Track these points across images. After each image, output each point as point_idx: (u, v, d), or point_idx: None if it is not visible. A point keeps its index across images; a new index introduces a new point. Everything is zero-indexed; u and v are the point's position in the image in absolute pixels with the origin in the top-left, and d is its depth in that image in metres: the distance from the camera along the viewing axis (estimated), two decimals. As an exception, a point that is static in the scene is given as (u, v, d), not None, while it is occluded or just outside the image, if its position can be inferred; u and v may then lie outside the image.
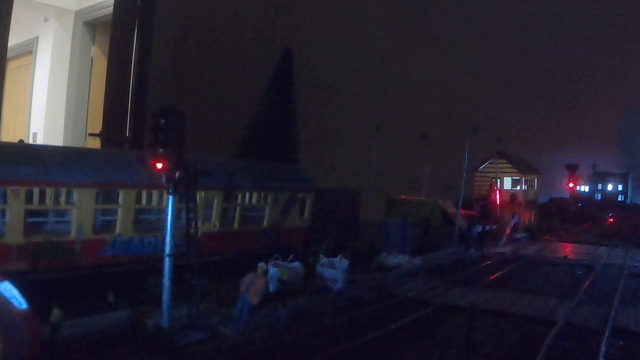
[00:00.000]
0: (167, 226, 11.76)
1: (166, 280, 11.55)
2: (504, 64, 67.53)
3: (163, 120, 11.35)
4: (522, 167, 39.50)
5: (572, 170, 50.14)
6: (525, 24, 68.44)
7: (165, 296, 11.51)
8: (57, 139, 26.68)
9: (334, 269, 16.58)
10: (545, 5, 69.01)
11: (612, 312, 14.35)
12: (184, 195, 12.28)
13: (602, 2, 69.22)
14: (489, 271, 21.42)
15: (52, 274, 12.16)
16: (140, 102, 25.20)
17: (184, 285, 12.09)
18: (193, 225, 12.48)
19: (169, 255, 11.61)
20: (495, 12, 64.22)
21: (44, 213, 13.03)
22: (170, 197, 11.74)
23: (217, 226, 16.77)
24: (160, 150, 11.29)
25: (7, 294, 6.17)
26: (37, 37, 28.93)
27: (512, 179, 38.02)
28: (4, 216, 12.03)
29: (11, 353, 5.90)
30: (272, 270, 15.65)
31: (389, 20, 57.91)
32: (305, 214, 20.55)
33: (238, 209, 17.60)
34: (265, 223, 18.62)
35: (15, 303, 6.20)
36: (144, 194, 14.74)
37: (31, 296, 7.79)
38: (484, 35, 63.38)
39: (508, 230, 31.00)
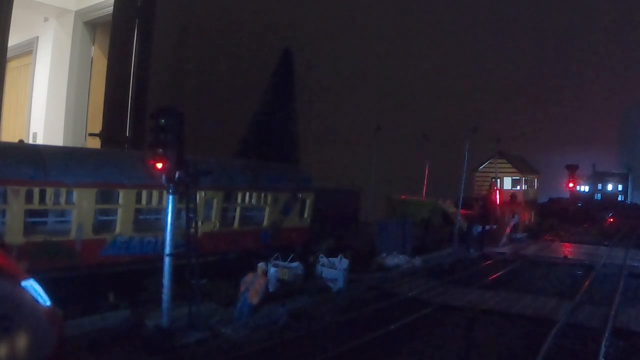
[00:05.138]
0: (167, 226, 11.76)
1: (166, 280, 11.55)
2: (504, 64, 67.54)
3: (163, 121, 11.35)
4: (522, 167, 39.49)
5: (572, 170, 50.07)
6: (525, 24, 68.48)
7: (165, 296, 11.51)
8: (57, 139, 26.66)
9: (333, 269, 16.57)
10: (545, 5, 69.04)
11: (612, 312, 14.35)
12: (184, 195, 12.29)
13: (602, 2, 69.26)
14: (489, 271, 21.42)
15: (52, 274, 12.16)
16: (140, 102, 25.19)
17: (184, 285, 12.10)
18: (193, 225, 12.48)
19: (169, 255, 11.61)
20: (495, 13, 64.25)
21: (44, 213, 13.03)
22: (170, 197, 11.75)
23: (217, 226, 16.77)
24: (160, 150, 11.30)
25: (32, 292, 6.19)
26: (37, 37, 28.92)
27: (512, 179, 38.00)
28: (4, 216, 12.03)
29: (36, 350, 5.93)
30: (272, 270, 15.66)
31: (389, 20, 57.93)
32: (305, 214, 20.56)
33: (238, 209, 17.60)
34: (265, 223, 18.63)
35: (40, 300, 6.23)
36: (144, 194, 14.74)
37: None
38: (485, 36, 63.41)
39: (508, 230, 30.99)
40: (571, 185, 50.74)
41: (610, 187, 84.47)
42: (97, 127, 25.10)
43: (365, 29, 54.67)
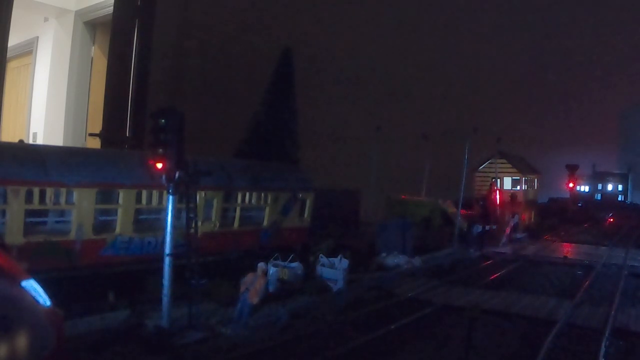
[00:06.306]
0: (167, 226, 11.76)
1: (166, 280, 11.55)
2: (504, 64, 67.54)
3: (163, 121, 11.36)
4: (522, 167, 39.51)
5: (572, 170, 50.05)
6: (525, 24, 68.47)
7: (165, 296, 11.51)
8: (57, 139, 26.69)
9: (333, 269, 16.56)
10: (545, 5, 69.06)
11: (612, 312, 14.35)
12: (184, 195, 12.29)
13: (602, 3, 69.27)
14: (489, 271, 21.42)
15: (52, 274, 12.16)
16: (140, 102, 25.22)
17: (184, 285, 12.10)
18: (193, 225, 12.48)
19: (169, 255, 11.62)
20: (495, 13, 64.26)
21: (44, 213, 13.03)
22: (170, 197, 11.75)
23: (217, 226, 16.77)
24: (160, 150, 11.30)
25: (32, 292, 6.19)
26: (37, 37, 28.95)
27: (512, 179, 38.03)
28: (4, 216, 12.03)
29: (36, 350, 5.93)
30: (272, 270, 15.65)
31: (389, 20, 57.94)
32: (305, 214, 20.56)
33: (238, 209, 17.60)
34: (265, 223, 18.62)
35: (40, 300, 6.23)
36: (144, 194, 14.74)
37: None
38: (485, 36, 63.41)
39: (508, 230, 30.98)
40: (571, 185, 50.72)
41: (610, 187, 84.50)
42: (97, 127, 25.12)
43: (365, 28, 54.66)
